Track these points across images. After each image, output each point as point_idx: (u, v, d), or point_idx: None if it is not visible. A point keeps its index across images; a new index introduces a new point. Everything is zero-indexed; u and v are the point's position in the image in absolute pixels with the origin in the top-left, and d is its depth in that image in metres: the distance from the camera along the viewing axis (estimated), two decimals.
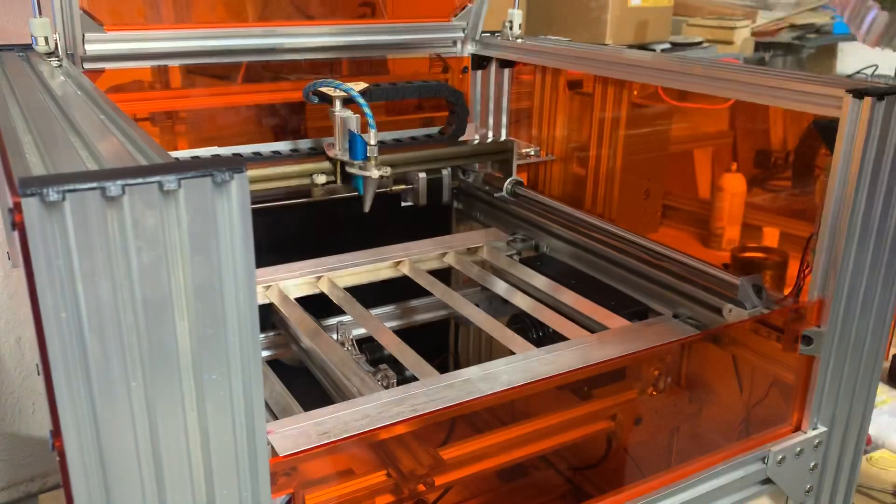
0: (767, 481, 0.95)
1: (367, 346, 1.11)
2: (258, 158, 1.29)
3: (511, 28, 1.41)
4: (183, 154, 1.28)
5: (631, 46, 2.29)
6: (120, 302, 0.48)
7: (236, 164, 0.49)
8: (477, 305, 1.18)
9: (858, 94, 0.81)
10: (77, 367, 0.48)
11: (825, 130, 0.85)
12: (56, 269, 0.46)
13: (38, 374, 0.89)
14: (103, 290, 0.47)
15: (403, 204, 1.45)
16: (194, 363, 0.52)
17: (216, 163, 0.48)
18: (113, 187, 0.46)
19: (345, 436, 0.75)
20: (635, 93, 1.42)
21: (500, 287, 1.20)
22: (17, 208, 0.44)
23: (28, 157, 0.54)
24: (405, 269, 1.24)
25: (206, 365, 0.52)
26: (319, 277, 1.19)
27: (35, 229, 0.44)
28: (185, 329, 0.51)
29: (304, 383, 1.03)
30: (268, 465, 0.57)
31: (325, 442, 0.75)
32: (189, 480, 0.54)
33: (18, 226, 0.44)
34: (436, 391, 0.86)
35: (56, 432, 0.49)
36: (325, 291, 1.17)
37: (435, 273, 1.24)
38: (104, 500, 0.51)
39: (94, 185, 0.45)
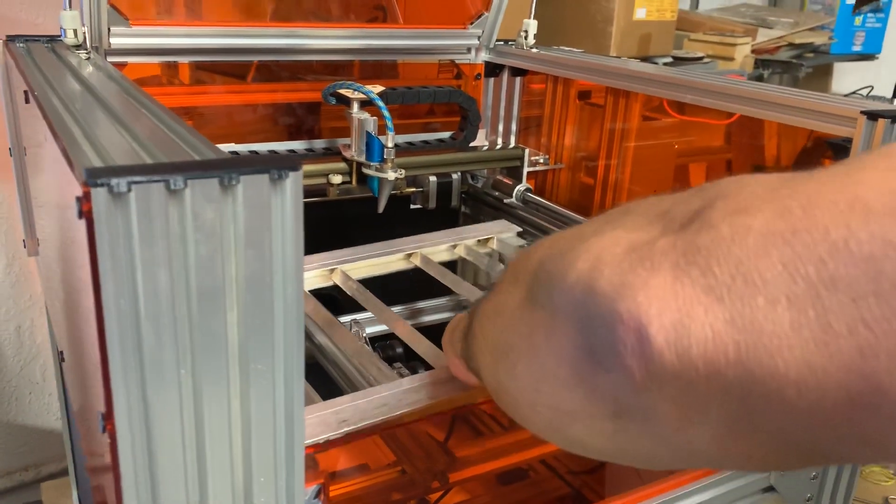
0: (770, 489, 0.97)
1: (380, 344, 1.12)
2: None
3: (526, 38, 1.43)
4: None
5: (634, 59, 2.32)
6: (176, 292, 0.50)
7: (292, 161, 0.51)
8: None
9: (873, 115, 0.84)
10: (131, 353, 0.49)
11: (838, 149, 0.88)
12: (118, 259, 0.47)
13: (62, 360, 0.90)
14: (161, 280, 0.49)
15: (412, 206, 1.47)
16: (241, 353, 0.53)
17: (273, 160, 0.50)
18: (177, 180, 0.47)
19: (364, 424, 0.76)
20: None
21: None
22: (86, 198, 0.45)
23: (84, 149, 0.56)
24: (417, 261, 1.25)
25: (252, 355, 0.54)
26: (332, 270, 1.19)
27: (102, 219, 0.46)
28: (234, 319, 0.52)
29: (316, 379, 1.04)
30: (303, 454, 0.59)
31: (346, 430, 0.75)
32: (229, 466, 0.56)
33: (86, 214, 0.46)
34: (454, 381, 0.86)
35: (108, 416, 0.50)
36: (339, 283, 1.17)
37: (446, 265, 1.23)
38: (149, 482, 0.53)
39: (159, 177, 0.47)
